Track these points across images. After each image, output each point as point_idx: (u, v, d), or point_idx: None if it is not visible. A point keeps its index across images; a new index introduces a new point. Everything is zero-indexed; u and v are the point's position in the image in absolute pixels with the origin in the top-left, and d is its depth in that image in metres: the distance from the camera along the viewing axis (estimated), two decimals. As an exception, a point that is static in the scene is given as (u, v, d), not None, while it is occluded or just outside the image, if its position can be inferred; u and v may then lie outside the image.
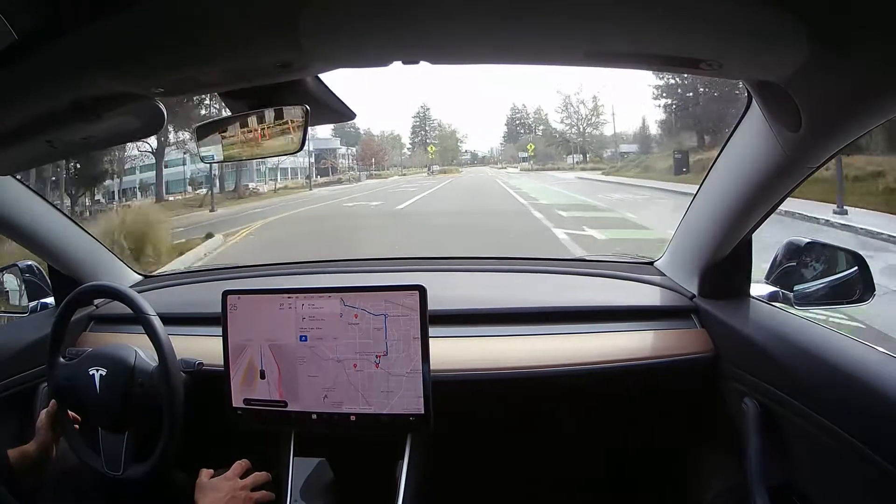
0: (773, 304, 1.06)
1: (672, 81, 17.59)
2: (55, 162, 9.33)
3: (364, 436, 1.05)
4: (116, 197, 14.89)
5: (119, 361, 1.08)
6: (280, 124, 0.77)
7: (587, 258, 1.55)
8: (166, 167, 15.71)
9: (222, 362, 1.08)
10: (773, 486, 0.91)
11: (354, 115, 0.87)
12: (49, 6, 0.56)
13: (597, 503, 1.33)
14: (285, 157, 0.90)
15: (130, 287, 1.27)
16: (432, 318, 1.01)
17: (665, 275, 1.31)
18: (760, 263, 1.09)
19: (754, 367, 0.98)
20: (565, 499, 1.33)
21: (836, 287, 1.03)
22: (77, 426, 1.10)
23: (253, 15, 0.56)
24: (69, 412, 1.09)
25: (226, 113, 0.82)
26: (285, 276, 1.57)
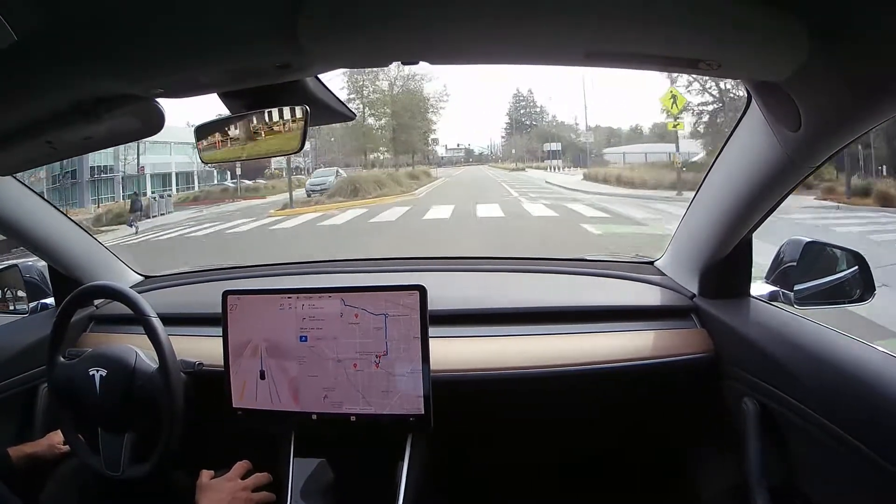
0: (774, 303, 1.06)
1: None
2: (55, 162, 9.20)
3: (364, 436, 1.05)
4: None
5: (120, 362, 1.08)
6: (280, 124, 0.77)
7: (587, 258, 1.54)
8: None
9: (222, 363, 1.08)
10: (773, 486, 0.91)
11: (354, 115, 0.87)
12: (49, 6, 0.56)
13: (597, 503, 1.33)
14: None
15: (130, 287, 1.27)
16: (432, 318, 1.01)
17: (665, 274, 1.30)
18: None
19: (754, 367, 0.97)
20: (565, 498, 1.33)
21: (837, 286, 1.03)
22: (75, 426, 1.10)
23: (252, 16, 0.56)
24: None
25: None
26: (285, 277, 1.57)
